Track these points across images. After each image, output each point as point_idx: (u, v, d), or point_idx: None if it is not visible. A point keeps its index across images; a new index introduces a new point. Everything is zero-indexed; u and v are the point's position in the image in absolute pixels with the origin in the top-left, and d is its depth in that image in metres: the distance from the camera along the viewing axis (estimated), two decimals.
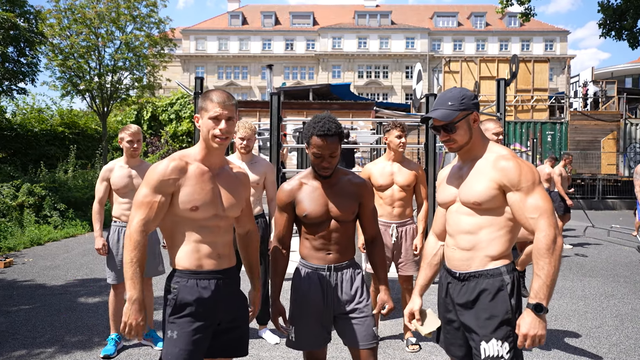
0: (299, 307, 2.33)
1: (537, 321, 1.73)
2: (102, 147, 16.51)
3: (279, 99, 5.80)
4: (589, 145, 17.69)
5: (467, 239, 1.95)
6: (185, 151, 2.07)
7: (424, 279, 2.21)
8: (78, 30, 15.69)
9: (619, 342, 4.08)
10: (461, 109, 1.95)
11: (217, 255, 2.04)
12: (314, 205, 2.25)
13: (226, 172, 2.13)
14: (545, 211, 1.77)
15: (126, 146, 3.75)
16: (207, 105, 1.98)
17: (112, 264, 3.76)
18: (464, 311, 1.95)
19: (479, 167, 1.95)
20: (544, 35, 48.57)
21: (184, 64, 48.63)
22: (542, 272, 1.72)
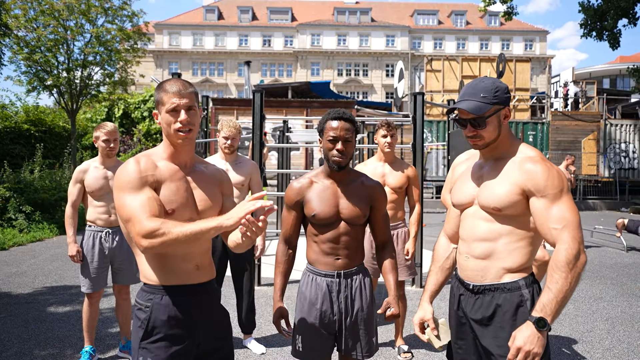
0: (306, 315, 2.22)
1: (536, 337, 1.54)
2: (71, 146, 15.84)
3: (261, 96, 5.68)
4: (570, 145, 17.72)
5: (482, 246, 1.79)
6: (149, 151, 1.86)
7: (434, 284, 2.03)
8: (45, 22, 15.04)
9: (611, 347, 4.05)
10: (494, 102, 1.77)
11: (195, 266, 1.81)
12: (324, 205, 2.17)
13: (199, 171, 1.90)
14: (572, 223, 1.61)
15: (102, 145, 3.57)
16: (163, 97, 1.78)
17: (86, 272, 3.55)
18: (480, 329, 1.79)
19: (502, 168, 1.78)
20: (523, 35, 49.14)
21: (157, 60, 47.52)
22: (555, 286, 1.56)
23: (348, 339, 2.22)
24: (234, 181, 3.76)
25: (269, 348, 3.91)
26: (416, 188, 3.76)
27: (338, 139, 2.12)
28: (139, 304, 1.79)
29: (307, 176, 2.26)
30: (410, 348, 3.86)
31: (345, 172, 2.23)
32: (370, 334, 2.24)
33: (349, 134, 2.14)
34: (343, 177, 2.23)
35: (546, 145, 17.64)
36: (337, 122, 2.13)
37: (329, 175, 2.23)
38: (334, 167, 2.16)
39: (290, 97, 19.01)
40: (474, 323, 1.82)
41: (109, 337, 4.10)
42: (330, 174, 2.22)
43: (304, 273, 2.32)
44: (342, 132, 2.12)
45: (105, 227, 3.57)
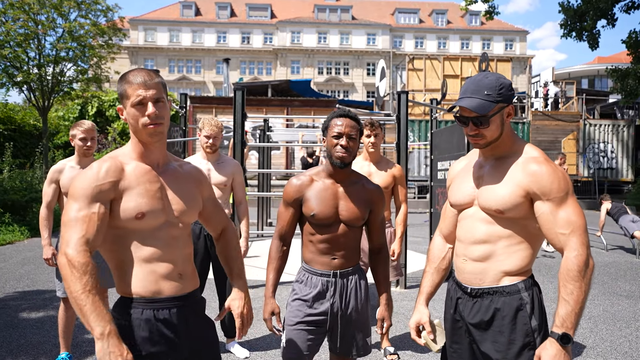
0: (295, 311, 2.21)
1: (562, 354, 1.50)
2: (43, 145, 15.35)
3: (243, 94, 5.63)
4: (550, 145, 17.86)
5: (481, 249, 1.74)
6: (117, 151, 1.71)
7: (430, 285, 1.97)
8: (15, 16, 14.61)
9: (594, 345, 4.10)
10: (498, 100, 1.69)
11: (177, 275, 1.67)
12: (323, 205, 2.16)
13: (173, 170, 1.75)
14: (579, 227, 1.57)
15: (78, 144, 3.50)
16: (127, 90, 1.62)
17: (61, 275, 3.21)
18: (478, 333, 1.75)
19: (505, 168, 1.72)
20: (504, 35, 49.71)
21: (132, 56, 46.59)
22: (571, 297, 1.51)
23: (343, 339, 2.23)
24: (216, 181, 3.72)
25: (252, 352, 3.86)
26: (402, 187, 3.74)
27: (342, 135, 2.13)
28: (116, 319, 1.60)
29: (308, 174, 2.24)
30: (397, 349, 3.85)
31: (347, 173, 2.22)
32: (365, 334, 2.26)
33: (354, 131, 2.14)
34: (344, 177, 2.22)
35: None
36: (343, 119, 2.15)
37: (330, 174, 2.21)
38: (337, 164, 2.13)
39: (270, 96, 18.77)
40: (472, 327, 1.78)
41: (86, 343, 3.97)
42: (332, 174, 2.21)
43: (299, 272, 2.30)
44: (347, 129, 2.13)
45: None
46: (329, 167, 2.20)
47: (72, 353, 3.69)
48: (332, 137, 2.14)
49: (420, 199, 16.92)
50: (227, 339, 3.96)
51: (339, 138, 2.13)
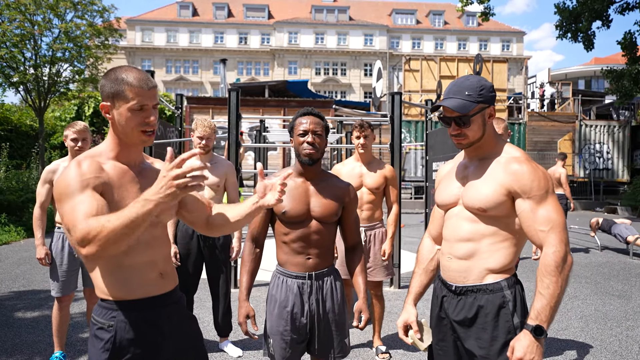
0: (276, 318, 2.20)
1: (534, 345, 1.54)
2: (39, 146, 15.28)
3: (237, 95, 5.60)
4: (546, 146, 17.90)
5: (465, 247, 1.78)
6: (94, 150, 1.63)
7: (418, 286, 2.00)
8: (11, 16, 14.51)
9: (586, 344, 4.13)
10: (479, 100, 1.75)
11: (159, 274, 1.65)
12: (295, 202, 2.16)
13: (149, 169, 1.70)
14: (558, 225, 1.61)
15: (70, 145, 3.51)
16: (125, 91, 1.53)
17: (55, 275, 3.51)
18: (462, 330, 1.78)
19: (487, 168, 1.76)
20: (501, 36, 49.75)
21: (129, 57, 46.46)
22: (547, 291, 1.56)
23: (320, 341, 2.22)
24: (209, 182, 3.73)
25: (245, 351, 3.88)
26: (394, 188, 3.77)
27: (308, 132, 2.15)
28: (99, 323, 1.58)
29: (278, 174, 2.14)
30: (388, 348, 3.86)
31: (317, 171, 2.23)
32: (343, 335, 2.25)
33: (319, 127, 2.16)
34: (314, 175, 2.23)
35: (523, 145, 17.78)
36: (307, 117, 2.18)
37: (300, 173, 2.22)
38: (306, 161, 2.15)
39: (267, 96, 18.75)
40: (456, 324, 1.81)
41: (80, 343, 4.00)
42: (302, 172, 2.22)
43: (273, 275, 2.29)
44: (312, 126, 2.15)
45: None
46: (298, 166, 2.21)
47: (66, 352, 3.70)
48: (298, 136, 2.16)
49: (417, 200, 16.93)
50: (221, 338, 3.96)
51: (304, 135, 2.15)
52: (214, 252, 3.76)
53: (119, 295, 1.58)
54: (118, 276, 1.57)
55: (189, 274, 3.71)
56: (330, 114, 17.04)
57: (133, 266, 1.59)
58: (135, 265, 1.59)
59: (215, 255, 3.76)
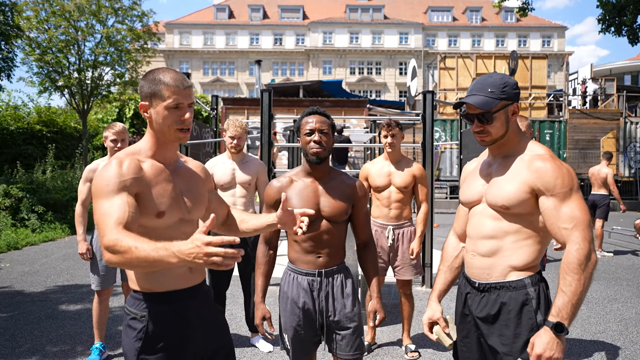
0: (289, 314, 2.23)
1: (555, 342, 1.54)
2: (82, 147, 15.87)
3: (270, 96, 5.70)
4: (588, 144, 17.27)
5: (488, 244, 1.78)
6: (133, 147, 1.71)
7: (443, 283, 2.02)
8: (56, 23, 15.18)
9: (624, 347, 4.02)
10: (502, 97, 1.74)
11: (188, 268, 1.71)
12: (304, 203, 2.16)
13: (183, 168, 1.80)
14: (582, 222, 1.59)
15: (110, 145, 3.63)
16: (162, 91, 1.62)
17: (95, 269, 3.65)
18: (485, 327, 1.79)
19: (510, 165, 1.76)
20: (541, 31, 48.33)
21: (167, 60, 47.64)
22: (569, 288, 1.55)
23: (334, 339, 2.24)
24: (240, 180, 3.82)
25: (276, 346, 3.91)
26: (423, 187, 3.75)
27: (314, 131, 2.15)
28: (133, 313, 1.67)
29: (288, 175, 2.26)
30: (418, 347, 3.86)
31: (326, 170, 2.23)
32: (358, 333, 2.24)
33: (325, 126, 2.16)
34: (323, 174, 2.23)
35: (563, 144, 17.22)
36: (313, 116, 2.18)
37: (309, 173, 2.23)
38: (313, 160, 2.15)
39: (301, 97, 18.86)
40: (480, 321, 1.82)
41: (119, 335, 4.12)
42: (311, 172, 2.22)
43: (285, 272, 2.31)
44: (318, 125, 2.15)
45: None
46: (307, 166, 2.22)
47: (106, 343, 3.84)
48: (305, 135, 2.16)
49: (452, 199, 16.66)
50: (252, 333, 4.04)
51: (311, 134, 2.15)
52: (245, 249, 3.84)
53: (151, 287, 1.67)
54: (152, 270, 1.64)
55: (221, 271, 3.79)
56: (364, 114, 17.00)
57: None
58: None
59: (246, 252, 3.83)
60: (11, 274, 6.47)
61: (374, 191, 3.79)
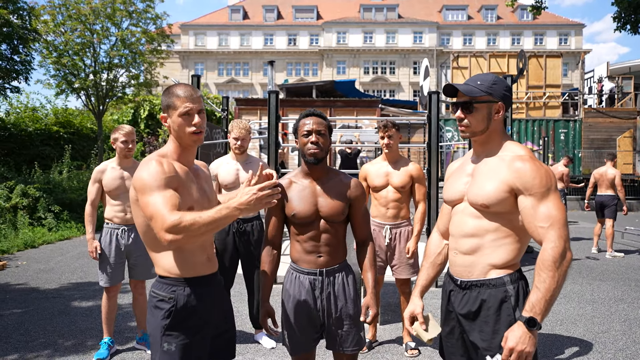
0: (291, 312, 2.29)
1: (527, 336, 1.58)
2: (98, 147, 16.13)
3: (277, 97, 5.83)
4: (603, 143, 17.03)
5: (469, 242, 1.83)
6: (161, 151, 1.96)
7: (425, 279, 2.06)
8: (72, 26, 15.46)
9: (625, 347, 4.02)
10: (487, 92, 1.81)
11: (207, 258, 1.98)
12: (303, 204, 2.22)
13: (199, 170, 2.07)
14: (558, 221, 1.63)
15: (120, 147, 3.72)
16: (175, 102, 1.90)
17: (104, 267, 3.74)
18: (467, 323, 1.84)
19: (492, 165, 1.81)
20: (557, 29, 47.58)
21: (182, 60, 48.09)
22: (543, 285, 1.59)
23: (334, 335, 2.29)
24: (244, 180, 3.89)
25: (278, 343, 3.99)
26: (421, 186, 3.80)
27: (311, 132, 2.20)
28: (160, 296, 1.89)
29: (287, 177, 2.31)
30: (418, 345, 3.91)
31: (324, 170, 2.28)
32: (357, 329, 2.30)
33: (322, 127, 2.22)
34: (321, 175, 2.28)
35: (578, 143, 17.00)
36: (310, 118, 2.24)
37: (307, 174, 2.28)
38: (311, 160, 2.20)
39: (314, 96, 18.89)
40: (462, 318, 1.86)
41: (128, 330, 4.31)
42: (309, 173, 2.27)
43: (287, 271, 2.37)
44: (315, 126, 2.21)
45: (121, 224, 3.75)
46: (305, 167, 2.27)
47: (115, 338, 3.95)
48: (303, 136, 2.22)
49: None
50: (256, 330, 4.11)
51: (308, 136, 2.21)
52: (248, 248, 3.89)
53: (178, 273, 1.90)
54: (178, 257, 1.89)
55: (225, 268, 3.85)
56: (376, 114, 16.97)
57: (190, 249, 1.90)
58: (191, 248, 1.90)
59: (250, 251, 3.89)
60: (27, 272, 6.65)
61: (372, 191, 3.84)
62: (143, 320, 3.92)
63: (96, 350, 3.79)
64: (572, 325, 4.53)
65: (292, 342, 2.32)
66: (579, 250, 8.60)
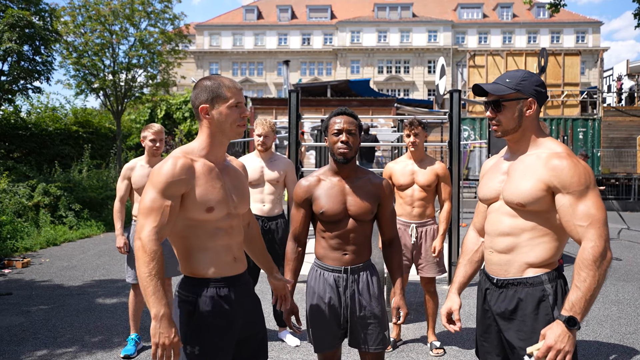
0: (315, 309, 2.30)
1: (566, 335, 1.55)
2: (117, 147, 16.32)
3: (297, 96, 5.80)
4: (623, 142, 16.78)
5: (506, 241, 1.80)
6: (187, 147, 1.91)
7: (463, 276, 2.05)
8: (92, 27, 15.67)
9: None
10: (516, 89, 1.78)
11: (233, 259, 1.92)
12: (332, 202, 2.22)
13: (230, 167, 2.01)
14: (598, 220, 1.60)
15: (149, 145, 3.80)
16: (224, 93, 1.86)
17: (132, 263, 3.75)
18: (504, 323, 1.82)
19: (528, 163, 1.77)
20: (574, 27, 47.00)
21: (197, 61, 48.39)
22: (584, 284, 1.57)
23: (358, 333, 2.29)
24: (269, 178, 3.94)
25: (303, 341, 3.99)
26: (446, 185, 3.80)
27: (342, 131, 2.20)
28: (184, 295, 1.87)
29: (315, 174, 2.32)
30: (443, 344, 3.90)
31: (352, 169, 2.28)
32: (382, 328, 2.29)
33: (352, 126, 2.22)
34: (350, 174, 2.28)
35: (597, 142, 16.77)
36: (341, 117, 2.24)
37: (336, 172, 2.28)
38: (340, 160, 2.21)
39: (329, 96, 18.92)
40: (498, 317, 1.85)
41: None
42: (338, 171, 2.27)
43: (311, 268, 2.37)
44: (345, 125, 2.21)
45: None
46: (334, 165, 2.28)
47: (141, 335, 3.97)
48: (333, 135, 2.22)
49: None
50: (280, 327, 4.12)
51: (338, 135, 2.21)
52: (272, 246, 3.89)
53: (202, 273, 1.86)
54: (202, 258, 1.86)
55: (249, 267, 3.89)
56: (391, 113, 16.93)
57: (214, 249, 1.87)
58: (215, 248, 1.87)
59: (274, 249, 3.89)
60: (51, 269, 6.75)
61: (397, 190, 3.83)
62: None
63: (123, 347, 3.84)
64: (599, 327, 4.49)
65: (317, 339, 2.33)
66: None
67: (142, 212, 1.77)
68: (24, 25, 12.27)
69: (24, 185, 9.90)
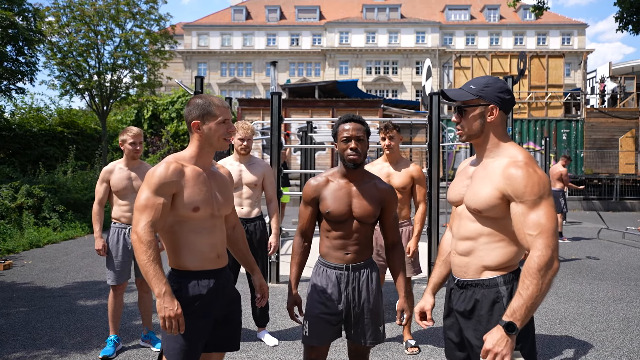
0: (315, 303, 2.40)
1: (505, 340, 1.61)
2: (102, 147, 16.23)
3: (279, 98, 5.87)
4: (605, 143, 17.06)
5: (465, 244, 1.88)
6: (179, 155, 2.16)
7: (437, 276, 2.12)
8: (77, 27, 15.53)
9: (622, 346, 4.06)
10: (478, 95, 1.82)
11: (216, 255, 2.16)
12: (338, 203, 2.33)
13: (216, 173, 2.24)
14: (547, 230, 1.63)
15: (128, 148, 3.80)
16: (214, 110, 2.11)
17: (111, 265, 3.82)
18: (464, 321, 1.89)
19: (489, 170, 1.81)
20: (560, 29, 47.53)
21: (185, 61, 48.19)
22: (526, 292, 1.61)
23: (355, 328, 2.41)
24: (247, 181, 3.99)
25: (281, 341, 4.08)
26: (421, 187, 3.86)
27: (351, 138, 2.31)
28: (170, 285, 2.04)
29: (324, 175, 2.44)
30: (418, 343, 3.97)
31: (360, 173, 2.40)
32: (377, 323, 2.42)
33: (361, 133, 2.32)
34: (357, 177, 2.39)
35: (580, 143, 17.01)
36: (349, 123, 2.34)
37: (344, 175, 2.40)
38: (350, 165, 2.32)
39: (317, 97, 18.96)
40: (459, 315, 1.91)
41: (133, 329, 4.37)
42: (346, 174, 2.39)
43: (315, 264, 2.50)
44: (354, 132, 2.32)
45: (128, 224, 3.81)
46: (343, 169, 2.39)
47: (120, 336, 4.01)
48: (342, 142, 2.34)
49: None
50: (258, 328, 4.17)
51: (348, 142, 2.32)
52: (251, 247, 3.92)
53: (187, 267, 2.11)
54: (189, 253, 2.11)
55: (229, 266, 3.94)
56: (378, 114, 17.02)
57: (198, 245, 2.11)
58: (200, 245, 2.11)
59: (254, 250, 3.93)
60: (33, 271, 6.69)
61: None
62: (148, 318, 3.97)
63: (102, 348, 3.85)
64: (571, 324, 4.58)
65: (311, 331, 2.41)
66: (579, 250, 8.64)
67: (138, 208, 1.99)
68: (6, 26, 12.17)
69: (7, 186, 9.81)
